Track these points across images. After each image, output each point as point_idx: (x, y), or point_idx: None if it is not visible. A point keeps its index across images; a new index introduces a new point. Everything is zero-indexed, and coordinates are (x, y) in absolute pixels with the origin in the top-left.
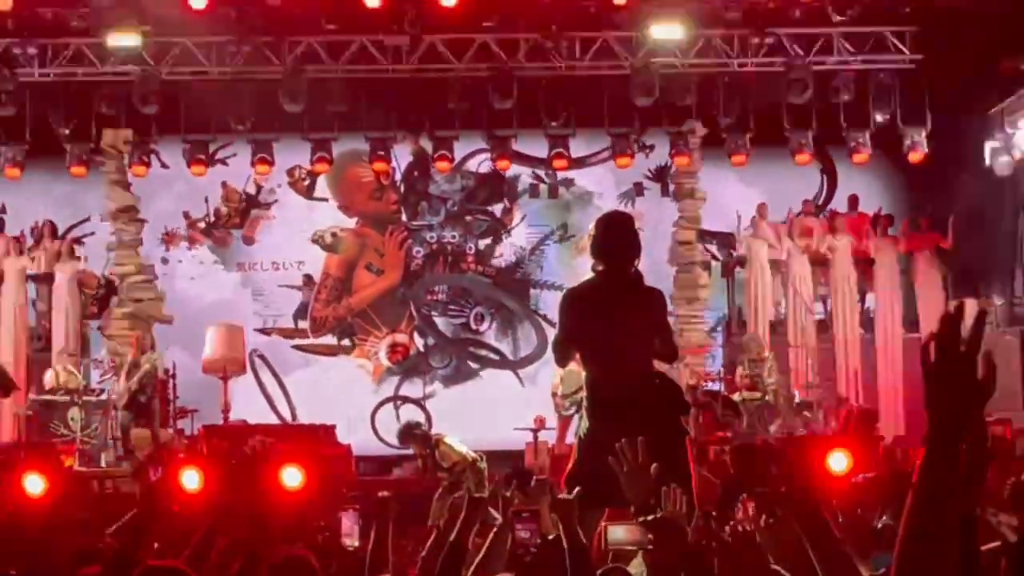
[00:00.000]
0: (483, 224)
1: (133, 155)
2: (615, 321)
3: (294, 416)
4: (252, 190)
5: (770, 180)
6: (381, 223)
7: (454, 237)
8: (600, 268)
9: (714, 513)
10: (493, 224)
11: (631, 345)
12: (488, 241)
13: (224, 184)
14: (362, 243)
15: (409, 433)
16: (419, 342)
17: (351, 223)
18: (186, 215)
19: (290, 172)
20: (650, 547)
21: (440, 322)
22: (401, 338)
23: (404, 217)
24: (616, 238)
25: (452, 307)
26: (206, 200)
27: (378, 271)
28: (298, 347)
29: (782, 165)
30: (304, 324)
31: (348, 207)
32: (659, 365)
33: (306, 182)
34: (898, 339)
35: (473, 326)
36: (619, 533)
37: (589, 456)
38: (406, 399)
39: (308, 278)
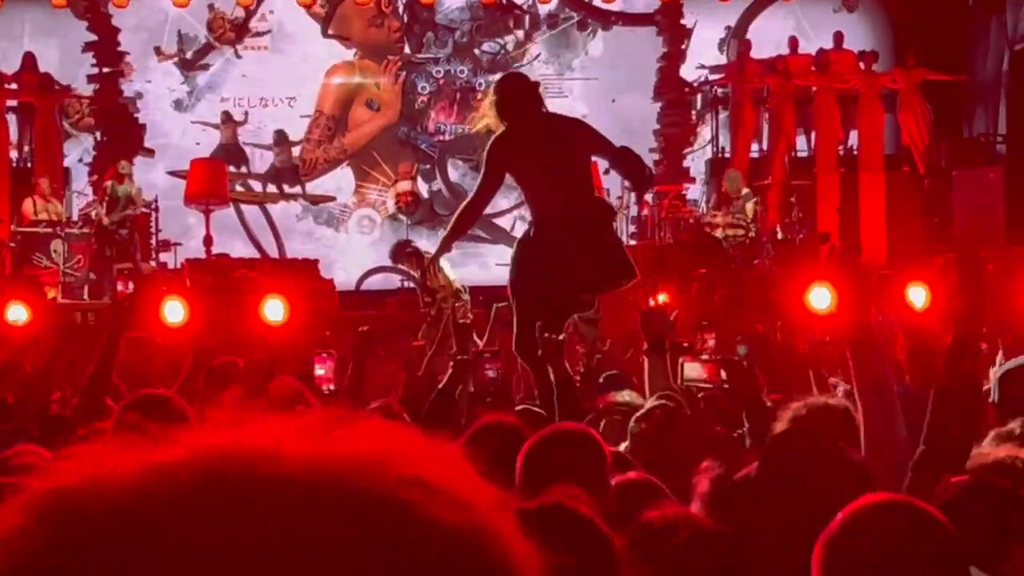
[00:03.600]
0: (493, 58)
1: None
2: (545, 149)
3: (282, 252)
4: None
5: (756, 17)
6: (382, 54)
7: (462, 72)
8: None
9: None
10: (504, 58)
11: (565, 170)
12: (497, 75)
13: (211, 6)
14: (361, 77)
15: (402, 252)
16: (423, 188)
17: (349, 55)
18: (157, 49)
19: (209, 25)
20: (725, 386)
21: (448, 164)
22: (404, 186)
23: (407, 49)
24: (520, 94)
25: (460, 148)
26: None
27: (378, 107)
28: None
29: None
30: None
31: (345, 38)
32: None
33: (231, 34)
34: (881, 175)
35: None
36: (695, 371)
37: (540, 271)
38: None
39: (227, 115)
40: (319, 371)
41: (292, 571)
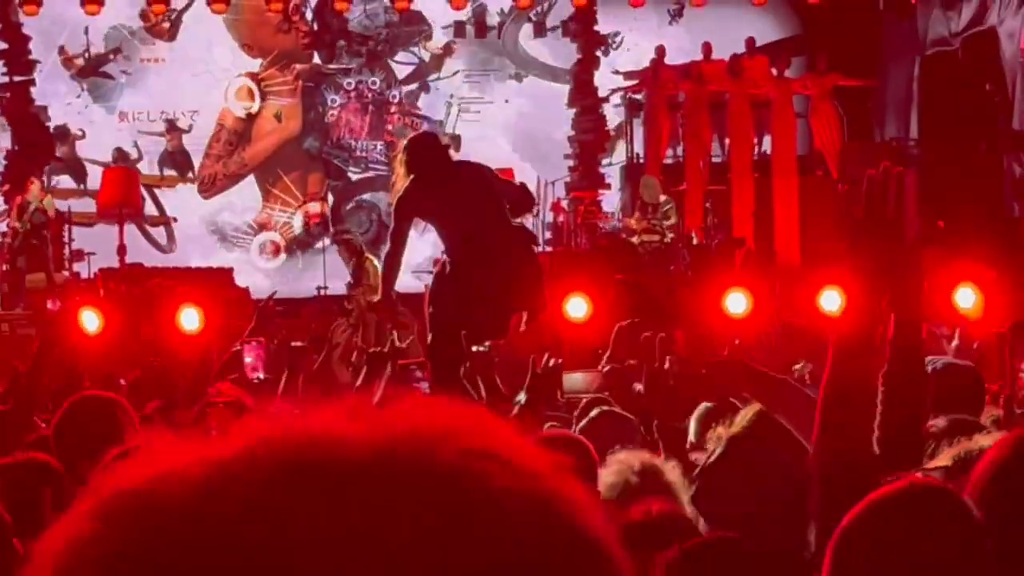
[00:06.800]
0: (408, 69)
1: None
2: (458, 189)
3: (170, 237)
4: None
5: (669, 23)
6: (289, 63)
7: (374, 84)
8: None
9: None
10: (420, 69)
11: (480, 206)
12: (413, 87)
13: (61, 49)
14: (264, 95)
15: (341, 238)
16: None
17: (254, 65)
18: (61, 50)
19: (144, 15)
20: (605, 394)
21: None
22: (315, 207)
23: (318, 59)
24: (428, 149)
25: (375, 164)
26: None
27: (281, 119)
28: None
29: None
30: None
31: (251, 46)
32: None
33: (165, 24)
34: (795, 180)
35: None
36: (576, 382)
37: (468, 302)
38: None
39: (62, 129)
40: (247, 359)
41: (378, 553)
